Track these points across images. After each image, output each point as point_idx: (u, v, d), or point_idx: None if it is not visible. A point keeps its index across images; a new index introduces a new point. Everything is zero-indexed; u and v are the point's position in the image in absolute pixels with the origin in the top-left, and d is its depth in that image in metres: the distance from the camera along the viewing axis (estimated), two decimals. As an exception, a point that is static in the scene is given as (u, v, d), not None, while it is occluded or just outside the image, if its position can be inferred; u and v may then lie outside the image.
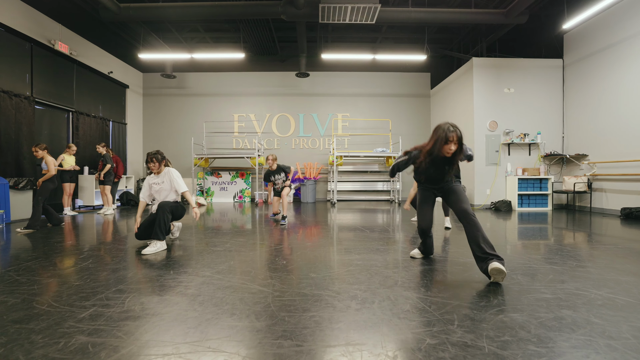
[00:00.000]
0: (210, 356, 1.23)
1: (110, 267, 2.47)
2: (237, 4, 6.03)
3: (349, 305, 1.70)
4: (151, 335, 1.39)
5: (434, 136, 2.17)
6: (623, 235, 3.76)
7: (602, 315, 1.58)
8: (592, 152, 6.49)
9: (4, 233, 4.08)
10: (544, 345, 1.29)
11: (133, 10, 6.07)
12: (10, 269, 2.41)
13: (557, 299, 1.77)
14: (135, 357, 1.22)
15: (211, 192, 9.19)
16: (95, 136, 7.67)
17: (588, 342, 1.31)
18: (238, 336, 1.38)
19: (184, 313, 1.62)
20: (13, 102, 5.49)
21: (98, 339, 1.35)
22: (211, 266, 2.47)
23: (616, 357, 1.20)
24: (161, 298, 1.82)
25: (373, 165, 9.58)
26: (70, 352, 1.25)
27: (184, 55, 7.32)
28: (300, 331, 1.42)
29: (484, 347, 1.28)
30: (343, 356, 1.22)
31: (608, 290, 1.93)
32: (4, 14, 5.38)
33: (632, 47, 5.59)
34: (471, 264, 2.48)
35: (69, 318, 1.56)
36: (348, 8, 5.36)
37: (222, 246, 3.18)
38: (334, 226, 4.54)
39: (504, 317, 1.55)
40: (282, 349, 1.28)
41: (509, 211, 6.59)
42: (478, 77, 7.19)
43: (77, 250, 3.02)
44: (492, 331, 1.41)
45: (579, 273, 2.27)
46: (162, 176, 3.18)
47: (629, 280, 2.11)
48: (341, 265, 2.50)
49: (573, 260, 2.62)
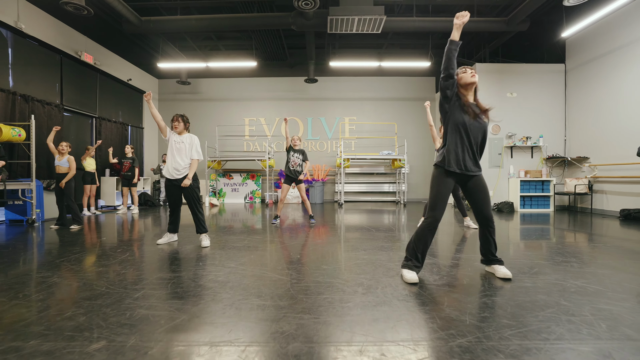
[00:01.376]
0: (245, 325, 1.56)
1: (146, 259, 2.82)
2: (250, 16, 6.40)
3: (356, 290, 2.02)
4: (196, 310, 1.73)
5: None
6: (618, 235, 3.98)
7: (571, 299, 1.86)
8: (593, 155, 6.67)
9: (40, 230, 4.50)
10: (515, 319, 1.59)
11: (153, 23, 6.48)
12: (63, 259, 2.79)
13: (536, 287, 2.06)
14: (189, 324, 1.56)
15: (223, 193, 9.59)
16: (116, 140, 8.13)
17: (552, 318, 1.60)
18: (266, 311, 1.70)
19: (219, 295, 1.95)
20: (45, 110, 5.95)
21: (155, 312, 1.70)
22: (234, 259, 2.81)
23: (571, 328, 1.49)
24: (196, 284, 2.16)
25: (379, 168, 9.86)
26: (137, 320, 1.60)
27: (199, 64, 7.71)
28: (317, 308, 1.74)
29: (466, 320, 1.58)
30: (352, 325, 1.54)
31: (584, 280, 2.20)
32: (37, 29, 5.84)
33: (632, 52, 5.77)
34: (465, 260, 2.77)
35: (126, 297, 1.91)
36: (355, 19, 5.67)
37: (241, 243, 3.52)
38: (342, 226, 4.85)
39: (486, 300, 1.84)
40: (303, 320, 1.60)
41: (511, 212, 6.81)
42: (481, 82, 7.42)
43: (113, 245, 3.40)
44: (475, 310, 1.70)
45: (562, 267, 2.54)
46: (184, 137, 3.42)
47: (605, 273, 2.37)
48: (349, 259, 2.81)
49: (560, 257, 2.88)
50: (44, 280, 2.23)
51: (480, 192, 2.20)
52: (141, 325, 1.55)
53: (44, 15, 6.00)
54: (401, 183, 9.14)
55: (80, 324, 1.56)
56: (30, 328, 1.52)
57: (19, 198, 5.13)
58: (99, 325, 1.54)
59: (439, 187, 2.16)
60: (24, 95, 5.53)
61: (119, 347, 1.35)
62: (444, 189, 2.16)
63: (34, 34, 5.76)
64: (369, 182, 9.79)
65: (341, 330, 1.49)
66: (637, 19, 5.68)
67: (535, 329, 1.49)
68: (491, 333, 1.45)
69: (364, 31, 6.04)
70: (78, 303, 1.82)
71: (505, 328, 1.50)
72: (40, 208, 5.26)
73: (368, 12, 5.59)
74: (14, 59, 5.49)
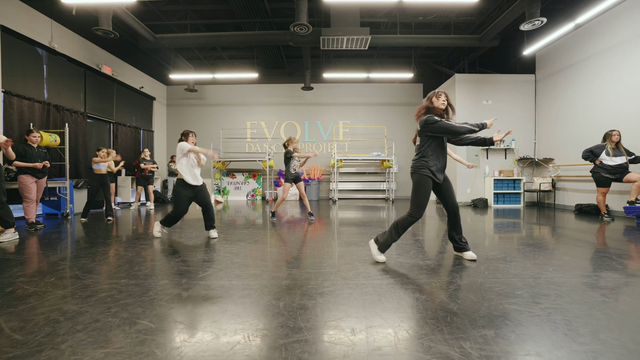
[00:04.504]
0: (268, 279, 2.40)
1: (183, 244, 3.67)
2: (253, 34, 7.23)
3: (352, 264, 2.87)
4: (231, 276, 2.57)
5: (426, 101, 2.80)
6: (567, 226, 4.82)
7: (520, 268, 2.71)
8: (557, 156, 7.52)
9: (72, 222, 5.34)
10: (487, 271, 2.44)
11: (166, 40, 7.31)
12: (113, 245, 3.64)
13: (485, 259, 2.91)
14: (230, 284, 2.41)
15: (227, 191, 10.43)
16: (130, 143, 8.97)
17: (475, 269, 2.45)
18: (289, 277, 2.55)
19: (244, 268, 2.80)
20: (72, 118, 6.78)
21: (209, 282, 2.54)
22: (254, 241, 3.66)
23: (515, 286, 2.34)
24: (220, 256, 3.00)
25: (370, 167, 10.71)
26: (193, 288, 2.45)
27: (207, 75, 8.55)
28: (325, 268, 2.59)
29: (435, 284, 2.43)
30: (357, 280, 2.39)
31: (540, 260, 3.05)
32: (66, 46, 6.67)
33: (592, 66, 6.53)
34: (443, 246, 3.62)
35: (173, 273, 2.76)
36: (344, 39, 6.50)
37: (249, 230, 4.37)
38: (336, 220, 5.70)
39: (458, 266, 2.69)
40: (308, 276, 2.45)
41: (485, 207, 7.66)
42: (460, 91, 8.27)
43: (140, 235, 4.24)
44: (445, 274, 2.55)
45: (523, 248, 3.39)
46: None
47: (532, 250, 3.22)
48: (345, 242, 3.66)
49: (522, 242, 3.73)
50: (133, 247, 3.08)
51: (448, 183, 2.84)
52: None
53: (71, 34, 6.83)
54: (390, 182, 9.99)
55: (153, 272, 2.42)
56: (119, 273, 2.38)
57: (55, 194, 5.97)
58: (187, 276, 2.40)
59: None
60: (56, 105, 6.36)
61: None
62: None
63: (64, 51, 6.59)
64: (360, 181, 10.64)
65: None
66: (596, 35, 6.44)
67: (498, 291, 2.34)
68: (414, 272, 2.30)
69: (353, 48, 6.88)
70: (142, 278, 2.67)
71: (423, 275, 2.35)
72: (72, 203, 6.10)
73: (355, 32, 6.42)
74: (48, 74, 6.32)
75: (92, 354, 1.30)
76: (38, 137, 4.78)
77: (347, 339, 1.43)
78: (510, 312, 1.70)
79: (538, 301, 1.85)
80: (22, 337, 1.44)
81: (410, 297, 1.92)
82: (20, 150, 4.55)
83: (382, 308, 1.75)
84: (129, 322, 1.58)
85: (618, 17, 5.85)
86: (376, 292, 2.00)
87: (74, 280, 2.23)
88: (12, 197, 5.67)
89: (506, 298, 1.89)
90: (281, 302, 1.84)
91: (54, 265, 2.61)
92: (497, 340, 1.41)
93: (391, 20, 7.60)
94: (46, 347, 1.35)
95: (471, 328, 1.52)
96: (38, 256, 2.96)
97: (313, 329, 1.52)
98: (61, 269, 2.51)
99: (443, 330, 1.51)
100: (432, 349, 1.35)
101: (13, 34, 5.54)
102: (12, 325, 1.55)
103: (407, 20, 7.62)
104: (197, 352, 1.32)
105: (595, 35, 6.40)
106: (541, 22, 5.50)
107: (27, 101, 5.75)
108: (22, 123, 5.67)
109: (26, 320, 1.60)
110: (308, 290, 2.03)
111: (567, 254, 2.94)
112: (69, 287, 2.10)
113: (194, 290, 2.05)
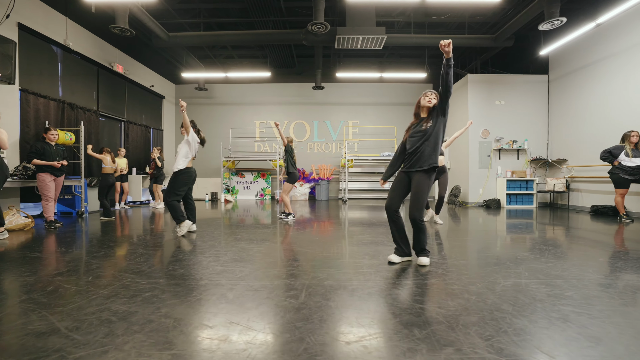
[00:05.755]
0: (309, 279, 2.37)
1: (206, 243, 3.65)
2: (267, 32, 7.20)
3: (364, 259, 2.84)
4: (270, 276, 2.54)
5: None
6: (587, 227, 4.79)
7: (532, 269, 2.68)
8: (571, 157, 7.48)
9: (87, 221, 5.32)
10: (479, 275, 2.40)
11: (179, 38, 7.28)
12: (136, 240, 3.61)
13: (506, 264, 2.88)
14: (272, 284, 2.38)
15: (236, 190, 10.41)
16: (140, 141, 8.94)
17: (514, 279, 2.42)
18: (329, 276, 2.52)
19: (279, 268, 2.77)
20: (86, 116, 6.76)
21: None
22: (268, 239, 3.63)
23: (527, 283, 2.30)
24: (245, 248, 2.98)
25: (380, 168, 10.67)
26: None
27: (220, 74, 8.52)
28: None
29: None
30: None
31: (547, 259, 3.02)
32: (80, 44, 6.64)
33: (602, 69, 6.55)
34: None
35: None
36: (360, 38, 6.47)
37: (266, 229, 4.34)
38: (346, 219, 5.67)
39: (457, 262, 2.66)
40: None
41: (497, 208, 7.62)
42: (472, 91, 8.23)
43: (156, 232, 4.22)
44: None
45: (532, 244, 3.36)
46: None
47: (563, 251, 3.19)
48: (356, 241, 3.63)
49: (534, 242, 3.70)
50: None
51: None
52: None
53: (85, 32, 6.81)
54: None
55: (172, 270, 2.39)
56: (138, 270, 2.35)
57: (70, 193, 5.94)
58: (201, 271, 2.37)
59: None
60: (70, 103, 6.33)
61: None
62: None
63: (78, 49, 6.57)
64: (370, 181, 10.61)
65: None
66: (604, 40, 6.46)
67: (482, 275, 2.31)
68: (453, 277, 2.27)
69: (368, 47, 6.84)
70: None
71: (463, 276, 2.32)
72: (86, 202, 6.07)
73: (371, 31, 6.38)
74: (63, 72, 6.30)
75: (159, 355, 1.27)
76: (56, 134, 4.76)
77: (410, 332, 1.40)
78: (569, 315, 1.67)
79: (592, 303, 1.82)
80: (82, 337, 1.41)
81: (462, 297, 1.89)
82: (39, 148, 4.53)
83: (440, 310, 1.73)
84: (184, 323, 1.56)
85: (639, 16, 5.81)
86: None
87: (111, 279, 2.20)
88: (28, 195, 5.65)
89: (557, 299, 1.86)
90: (331, 302, 1.81)
91: (85, 265, 2.59)
92: (569, 343, 1.37)
93: (405, 20, 7.57)
94: (110, 347, 1.32)
95: (534, 329, 1.49)
96: (65, 255, 2.93)
97: (377, 326, 1.49)
98: (95, 268, 2.48)
99: (507, 331, 1.48)
100: (504, 350, 1.32)
101: (30, 31, 5.52)
102: (67, 324, 1.52)
103: (421, 20, 7.59)
104: (266, 355, 1.29)
105: (614, 34, 6.34)
106: (560, 22, 5.46)
107: (42, 99, 5.72)
108: (38, 121, 5.64)
109: (79, 320, 1.57)
110: (355, 289, 2.01)
111: (602, 256, 2.91)
112: (109, 286, 2.07)
113: (237, 290, 2.02)
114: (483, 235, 3.98)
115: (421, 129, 2.60)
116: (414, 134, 2.63)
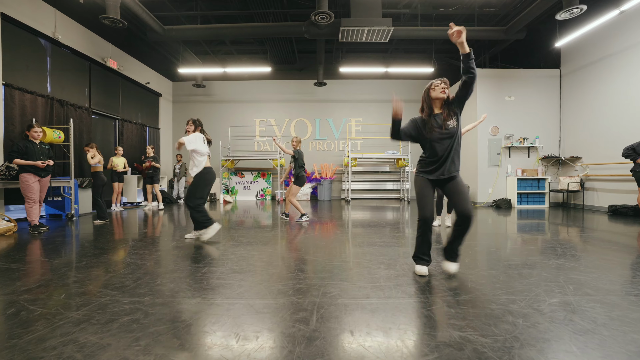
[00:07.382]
0: (319, 296, 2.04)
1: (201, 244, 3.31)
2: (267, 25, 6.86)
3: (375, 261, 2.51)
4: (274, 292, 2.21)
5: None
6: (605, 229, 4.46)
7: (551, 271, 2.35)
8: (585, 154, 7.14)
9: (77, 224, 4.98)
10: (505, 284, 2.07)
11: (175, 32, 6.94)
12: (134, 244, 3.28)
13: (525, 265, 2.55)
14: (277, 303, 2.04)
15: (235, 190, 10.07)
16: (136, 140, 8.60)
17: (533, 282, 2.09)
18: (312, 279, 2.19)
19: (283, 281, 2.44)
20: (77, 113, 6.42)
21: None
22: (274, 241, 3.30)
23: (546, 289, 1.97)
24: (255, 248, 2.65)
25: (384, 166, 10.33)
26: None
27: (218, 69, 8.18)
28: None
29: (469, 283, 2.07)
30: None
31: (564, 260, 2.69)
32: (70, 38, 6.30)
33: (623, 60, 6.20)
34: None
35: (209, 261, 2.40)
36: (365, 30, 6.13)
37: (267, 231, 4.01)
38: (350, 221, 5.34)
39: (483, 272, 2.33)
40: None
41: (508, 208, 7.29)
42: (481, 87, 7.89)
43: (154, 240, 3.88)
44: (475, 277, 2.19)
45: (549, 251, 3.03)
46: None
47: (582, 255, 2.86)
48: (366, 247, 3.30)
49: (547, 244, 3.36)
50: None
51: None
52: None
53: (76, 25, 6.47)
54: (405, 181, 9.62)
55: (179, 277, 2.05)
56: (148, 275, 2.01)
57: (59, 194, 5.61)
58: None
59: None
60: (60, 100, 6.00)
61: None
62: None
63: (68, 43, 6.22)
64: (374, 180, 10.27)
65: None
66: (626, 29, 6.13)
67: (519, 290, 1.97)
68: (487, 291, 1.94)
69: (373, 40, 6.50)
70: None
71: (498, 290, 1.99)
72: (77, 204, 5.74)
73: (377, 23, 6.05)
74: (52, 67, 5.96)
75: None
76: (40, 132, 4.42)
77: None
78: None
79: (666, 329, 1.49)
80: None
81: (506, 321, 1.56)
82: (21, 146, 4.19)
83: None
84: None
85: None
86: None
87: (87, 298, 1.87)
88: (13, 196, 5.31)
89: (624, 324, 1.53)
90: (348, 327, 1.48)
91: (62, 278, 2.26)
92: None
93: (411, 12, 7.23)
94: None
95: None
96: (42, 265, 2.60)
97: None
98: (72, 283, 2.15)
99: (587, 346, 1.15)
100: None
101: (14, 22, 5.18)
102: (16, 367, 1.19)
103: (428, 12, 7.25)
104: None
105: (634, 25, 6.00)
106: (580, 10, 5.13)
107: (29, 95, 5.38)
108: (24, 118, 5.30)
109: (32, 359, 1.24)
110: (376, 310, 1.68)
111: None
112: (83, 307, 1.74)
113: (235, 311, 1.69)
114: (501, 238, 3.65)
115: (448, 129, 2.28)
116: (442, 137, 2.29)
